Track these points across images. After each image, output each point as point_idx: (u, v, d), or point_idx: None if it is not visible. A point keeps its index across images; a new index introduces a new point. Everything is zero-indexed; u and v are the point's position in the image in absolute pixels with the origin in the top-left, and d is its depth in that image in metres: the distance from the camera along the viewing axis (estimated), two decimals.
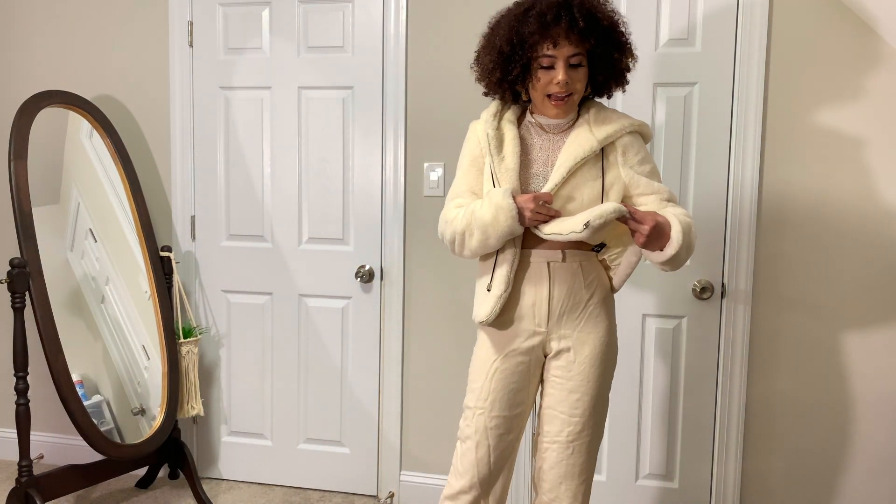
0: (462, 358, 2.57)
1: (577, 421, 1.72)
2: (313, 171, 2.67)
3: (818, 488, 2.37)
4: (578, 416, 1.72)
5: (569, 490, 1.73)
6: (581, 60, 1.65)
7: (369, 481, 2.74)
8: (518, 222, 1.65)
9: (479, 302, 1.77)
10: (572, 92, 1.67)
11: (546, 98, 1.69)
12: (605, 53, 1.66)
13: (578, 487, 1.73)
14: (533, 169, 1.73)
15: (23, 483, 2.32)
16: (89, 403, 2.49)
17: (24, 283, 2.28)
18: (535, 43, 1.63)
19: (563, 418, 1.73)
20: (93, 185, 2.67)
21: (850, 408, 2.33)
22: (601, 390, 1.75)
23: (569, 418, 1.72)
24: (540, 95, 1.70)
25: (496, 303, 1.71)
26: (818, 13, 2.23)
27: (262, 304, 2.77)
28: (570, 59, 1.64)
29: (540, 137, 1.77)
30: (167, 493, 2.75)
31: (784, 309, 2.34)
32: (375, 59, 2.57)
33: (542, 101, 1.71)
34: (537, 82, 1.68)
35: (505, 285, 1.71)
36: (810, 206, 2.29)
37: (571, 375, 1.73)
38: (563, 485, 1.73)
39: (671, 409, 2.45)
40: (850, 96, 2.24)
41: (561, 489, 1.73)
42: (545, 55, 1.64)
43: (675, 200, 1.75)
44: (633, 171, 1.72)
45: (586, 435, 1.73)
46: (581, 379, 1.72)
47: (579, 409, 1.72)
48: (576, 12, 1.60)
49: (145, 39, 2.76)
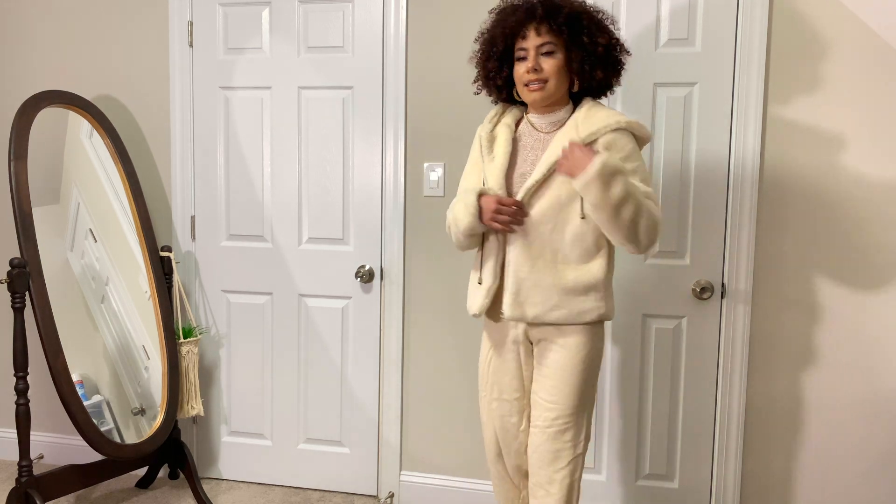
0: (462, 358, 2.57)
1: (552, 407, 1.79)
2: (313, 171, 2.67)
3: (818, 488, 2.37)
4: (553, 402, 1.79)
5: (546, 475, 1.79)
6: (552, 49, 1.75)
7: (369, 481, 2.74)
8: (477, 220, 1.78)
9: (470, 295, 1.90)
10: (546, 79, 1.76)
11: (525, 88, 1.79)
12: (574, 37, 1.74)
13: (555, 474, 1.78)
14: (521, 169, 1.82)
15: (23, 483, 2.32)
16: (89, 403, 2.49)
17: (24, 283, 2.28)
18: (504, 38, 1.78)
19: (542, 404, 1.81)
20: (93, 185, 2.67)
21: (849, 408, 2.33)
22: (579, 380, 1.79)
23: (546, 404, 1.80)
24: (520, 87, 1.81)
25: (485, 296, 1.84)
26: (818, 13, 2.23)
27: (262, 304, 2.77)
28: (540, 49, 1.75)
29: (532, 137, 1.85)
30: (167, 493, 2.75)
31: (784, 309, 2.34)
32: (375, 59, 2.58)
33: (522, 92, 1.81)
34: (516, 76, 1.81)
35: (492, 278, 1.83)
36: (810, 206, 2.29)
37: (549, 363, 1.81)
38: (542, 469, 1.80)
39: (671, 409, 2.45)
40: (851, 96, 2.24)
41: (541, 474, 1.80)
42: (519, 49, 1.78)
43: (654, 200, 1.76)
44: None
45: (562, 423, 1.78)
46: (556, 367, 1.79)
47: (555, 395, 1.79)
48: (538, 5, 1.74)
49: (145, 39, 2.76)
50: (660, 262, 2.40)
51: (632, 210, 1.66)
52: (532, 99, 1.79)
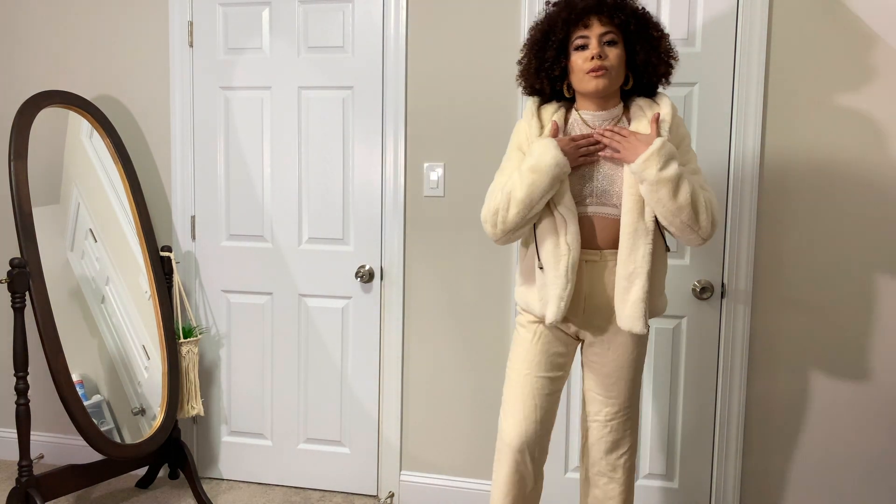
0: (462, 358, 2.57)
1: (613, 402, 1.89)
2: (313, 171, 2.67)
3: (818, 488, 2.37)
4: (614, 397, 1.89)
5: (609, 464, 1.94)
6: (614, 38, 1.74)
7: (369, 481, 2.74)
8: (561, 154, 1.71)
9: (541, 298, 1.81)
10: (608, 67, 1.73)
11: (586, 75, 1.74)
12: (641, 30, 1.74)
13: (616, 461, 1.93)
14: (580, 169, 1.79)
15: (23, 483, 2.32)
16: (89, 403, 2.49)
17: (24, 283, 2.28)
18: (567, 24, 1.74)
19: (600, 399, 1.91)
20: (93, 185, 2.67)
21: (849, 408, 2.33)
22: (635, 373, 1.89)
23: (605, 399, 1.90)
24: (579, 75, 1.76)
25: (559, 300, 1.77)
26: (818, 13, 2.23)
27: (262, 304, 2.77)
28: (604, 37, 1.73)
29: (583, 133, 1.81)
30: (167, 493, 2.75)
31: (784, 309, 2.34)
32: (375, 59, 2.58)
33: (581, 80, 1.76)
34: (575, 65, 1.76)
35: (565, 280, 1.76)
36: (810, 206, 2.29)
37: (606, 361, 1.87)
38: (603, 459, 1.94)
39: (671, 409, 2.45)
40: (851, 97, 2.24)
41: (602, 463, 1.94)
42: (579, 37, 1.74)
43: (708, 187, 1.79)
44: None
45: (622, 415, 1.90)
46: (615, 365, 1.86)
47: (614, 391, 1.88)
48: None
49: (145, 39, 2.76)
50: None
51: (688, 190, 1.67)
52: (594, 86, 1.74)
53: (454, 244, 2.55)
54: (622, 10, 1.72)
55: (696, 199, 1.68)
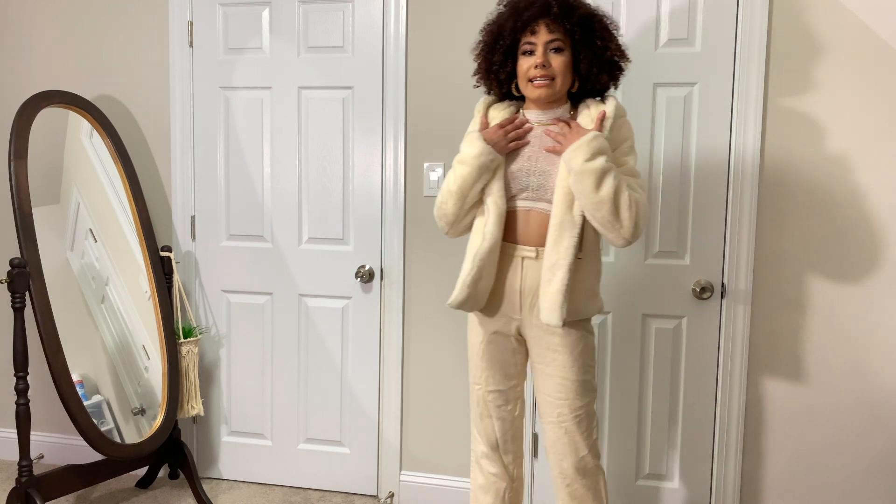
0: (462, 358, 2.57)
1: (562, 402, 1.83)
2: (313, 171, 2.67)
3: (817, 488, 2.37)
4: (563, 398, 1.83)
5: (570, 465, 1.86)
6: (560, 46, 1.76)
7: (369, 481, 2.74)
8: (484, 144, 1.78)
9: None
10: (553, 76, 1.76)
11: (529, 83, 1.79)
12: (586, 38, 1.75)
13: (578, 463, 1.85)
14: (518, 164, 1.82)
15: (23, 483, 2.32)
16: (89, 403, 2.49)
17: (24, 283, 2.28)
18: (515, 31, 1.77)
19: (549, 401, 1.85)
20: (93, 185, 2.67)
21: (849, 408, 2.33)
22: (581, 373, 1.84)
23: (555, 401, 1.84)
24: (524, 82, 1.81)
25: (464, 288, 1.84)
26: (818, 13, 2.23)
27: (262, 304, 2.77)
28: (550, 45, 1.76)
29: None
30: (167, 493, 2.75)
31: (784, 309, 2.34)
32: (375, 59, 2.58)
33: (525, 87, 1.81)
34: (521, 70, 1.80)
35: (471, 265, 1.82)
36: (810, 206, 2.29)
37: (548, 361, 1.84)
38: (563, 461, 1.86)
39: (671, 409, 2.45)
40: (851, 97, 2.24)
41: (563, 465, 1.87)
42: (526, 42, 1.77)
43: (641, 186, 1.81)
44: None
45: (573, 417, 1.83)
46: (557, 364, 1.82)
47: (562, 392, 1.83)
48: (553, 2, 1.73)
49: (145, 39, 2.76)
50: (660, 262, 2.40)
51: (613, 185, 1.68)
52: (537, 95, 1.79)
53: (454, 244, 2.55)
54: (569, 18, 1.73)
55: (618, 196, 1.69)
